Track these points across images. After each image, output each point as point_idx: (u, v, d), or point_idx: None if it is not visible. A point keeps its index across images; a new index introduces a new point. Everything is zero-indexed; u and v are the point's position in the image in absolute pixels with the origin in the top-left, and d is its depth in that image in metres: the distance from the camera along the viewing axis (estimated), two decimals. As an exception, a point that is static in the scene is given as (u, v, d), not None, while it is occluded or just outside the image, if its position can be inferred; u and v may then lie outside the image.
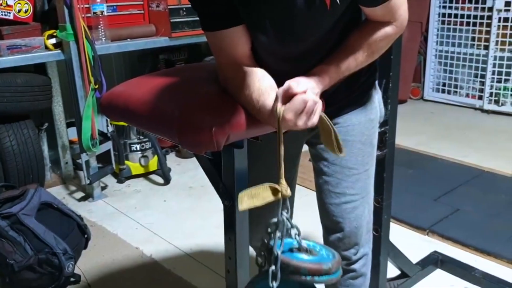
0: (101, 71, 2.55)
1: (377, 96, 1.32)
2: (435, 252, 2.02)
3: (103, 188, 2.85)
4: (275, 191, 0.99)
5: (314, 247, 1.03)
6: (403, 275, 1.86)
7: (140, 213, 2.56)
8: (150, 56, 3.22)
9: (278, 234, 0.97)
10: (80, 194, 2.83)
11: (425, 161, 3.00)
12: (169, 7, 2.82)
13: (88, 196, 2.77)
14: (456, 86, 4.18)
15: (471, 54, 4.00)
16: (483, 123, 3.82)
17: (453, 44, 4.08)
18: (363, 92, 1.28)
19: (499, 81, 3.87)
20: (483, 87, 3.98)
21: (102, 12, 2.66)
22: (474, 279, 1.85)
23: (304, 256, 0.98)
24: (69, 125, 2.96)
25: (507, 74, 3.82)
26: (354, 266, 1.33)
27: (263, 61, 1.13)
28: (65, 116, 2.93)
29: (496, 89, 3.90)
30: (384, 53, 1.18)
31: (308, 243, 1.04)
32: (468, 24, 3.96)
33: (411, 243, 2.15)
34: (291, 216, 1.07)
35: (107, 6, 2.72)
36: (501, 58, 3.82)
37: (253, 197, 0.95)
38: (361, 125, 1.28)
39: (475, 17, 3.89)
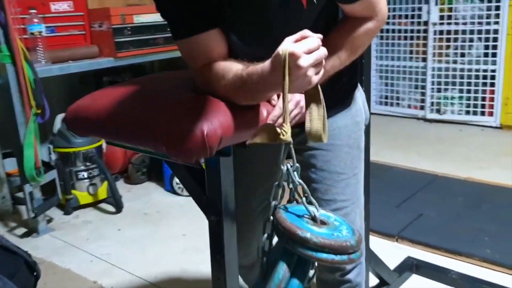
0: (43, 95, 2.36)
1: (361, 97, 1.29)
2: (409, 257, 1.99)
3: (49, 221, 2.62)
4: (276, 133, 0.89)
5: (328, 217, 0.94)
6: (382, 283, 1.81)
7: (93, 244, 2.37)
8: (93, 78, 3.06)
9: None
10: (22, 230, 2.58)
11: (380, 171, 3.02)
12: (112, 26, 2.69)
13: (32, 231, 2.53)
14: (398, 98, 4.30)
15: (411, 67, 4.14)
16: (428, 131, 3.94)
17: (393, 58, 4.21)
18: (346, 92, 1.23)
19: (439, 90, 4.03)
20: (424, 97, 4.12)
21: (40, 32, 2.49)
22: (451, 281, 1.84)
23: (315, 227, 0.86)
24: (5, 155, 2.72)
25: (446, 84, 3.98)
26: (349, 277, 1.26)
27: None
28: (0, 147, 2.69)
29: (436, 98, 4.05)
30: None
31: (322, 212, 0.95)
32: (405, 38, 4.10)
33: (382, 250, 2.11)
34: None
35: (45, 27, 2.55)
36: (439, 69, 3.98)
37: (253, 137, 0.89)
38: (348, 128, 1.23)
39: (412, 31, 4.05)
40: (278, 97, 1.06)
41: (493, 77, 3.75)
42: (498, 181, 2.80)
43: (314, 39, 0.84)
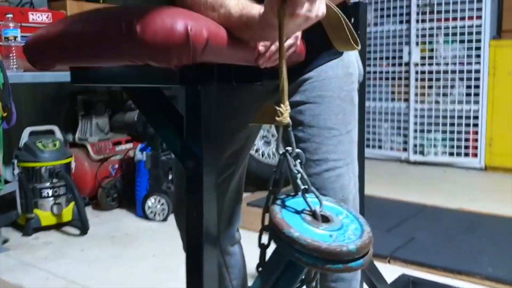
0: (11, 98, 2.20)
1: (354, 52, 1.17)
2: (404, 275, 1.81)
3: (4, 242, 2.35)
4: (272, 114, 0.77)
5: (337, 213, 0.78)
6: (377, 296, 1.61)
7: (52, 263, 2.11)
8: (67, 98, 2.91)
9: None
10: (-27, 249, 2.31)
11: (368, 201, 2.86)
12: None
13: (-17, 250, 2.26)
14: (380, 140, 4.23)
15: (393, 108, 4.12)
16: (411, 173, 3.84)
17: (374, 99, 4.19)
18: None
19: (422, 132, 3.98)
20: (406, 139, 4.06)
21: (15, 37, 2.37)
22: (453, 296, 1.65)
23: (312, 225, 0.72)
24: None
25: (429, 125, 3.94)
26: (341, 284, 1.09)
27: None
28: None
29: (419, 140, 4.00)
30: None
31: (329, 205, 0.80)
32: (387, 79, 4.11)
33: (374, 270, 1.92)
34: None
35: (22, 36, 2.44)
36: (422, 110, 3.96)
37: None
38: (339, 78, 1.10)
39: (394, 72, 4.06)
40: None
41: (476, 118, 3.73)
42: (491, 211, 2.67)
43: None
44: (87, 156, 2.82)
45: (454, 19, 3.66)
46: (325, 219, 0.74)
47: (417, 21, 3.81)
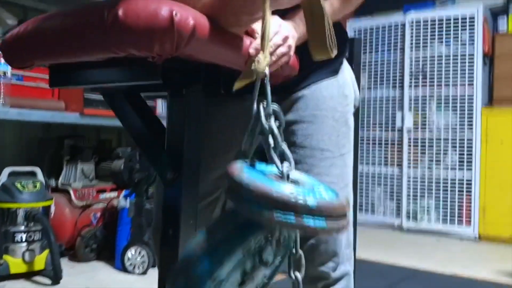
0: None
1: (350, 74, 1.13)
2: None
3: (-33, 288, 2.19)
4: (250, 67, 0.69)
5: (312, 185, 0.69)
6: None
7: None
8: (53, 142, 2.84)
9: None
10: None
11: (359, 264, 2.74)
12: (84, 82, 2.57)
13: None
14: (373, 205, 4.14)
15: (386, 174, 4.07)
16: (404, 240, 3.71)
17: (367, 163, 4.15)
18: (332, 60, 1.08)
19: (415, 198, 3.90)
20: (399, 204, 3.97)
21: (4, 73, 2.35)
22: None
23: (274, 180, 0.60)
24: None
25: (422, 191, 3.88)
26: (335, 288, 0.98)
27: None
28: None
29: (412, 206, 3.91)
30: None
31: (305, 177, 0.69)
32: (380, 145, 4.09)
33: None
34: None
35: (13, 73, 2.42)
36: (415, 176, 3.91)
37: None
38: (334, 99, 1.05)
39: (387, 137, 4.06)
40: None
41: (469, 185, 3.68)
42: (485, 278, 2.54)
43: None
44: (69, 202, 2.71)
45: (446, 86, 3.71)
46: (295, 183, 0.63)
47: (410, 87, 3.86)
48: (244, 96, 1.00)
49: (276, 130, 0.67)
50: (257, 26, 0.90)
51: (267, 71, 0.69)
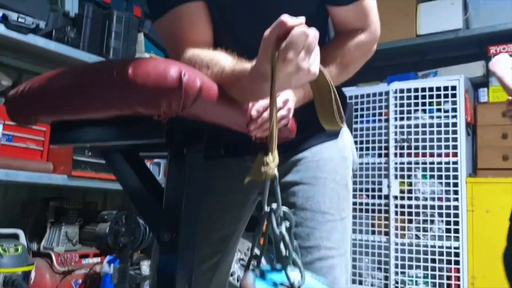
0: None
1: (349, 138, 1.16)
2: None
3: None
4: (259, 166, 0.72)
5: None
6: None
7: None
8: (38, 204, 2.79)
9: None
10: None
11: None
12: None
13: None
14: (361, 275, 4.07)
15: (373, 241, 4.03)
16: (393, 311, 3.63)
17: (354, 231, 4.12)
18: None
19: (403, 267, 3.85)
20: (388, 274, 3.91)
21: (-5, 133, 2.34)
22: None
23: None
24: None
25: (410, 260, 3.83)
26: None
27: None
28: None
29: (401, 276, 3.85)
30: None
31: (310, 283, 0.70)
32: (367, 211, 4.08)
33: None
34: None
35: (3, 133, 2.42)
36: (403, 245, 3.87)
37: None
38: (334, 162, 1.07)
39: (373, 205, 4.06)
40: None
41: (457, 255, 3.65)
42: None
43: (298, 31, 0.76)
44: (50, 267, 2.62)
45: (431, 155, 3.78)
46: None
47: (396, 155, 3.92)
48: (244, 157, 1.02)
49: (287, 238, 0.68)
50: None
51: (276, 172, 0.71)
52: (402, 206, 3.90)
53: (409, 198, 3.88)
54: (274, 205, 0.71)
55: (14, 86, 2.64)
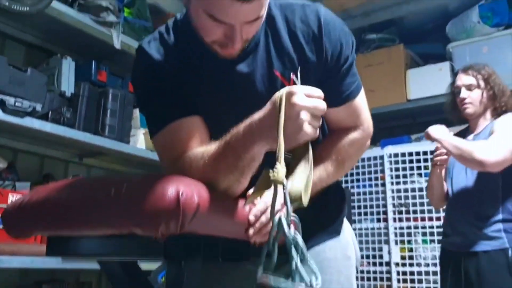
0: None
1: (351, 233, 1.15)
2: None
3: None
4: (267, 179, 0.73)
5: None
6: None
7: None
8: (32, 287, 2.71)
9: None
10: None
11: None
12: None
13: None
14: None
15: (376, 309, 3.92)
16: None
17: (357, 300, 4.01)
18: (334, 218, 1.10)
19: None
20: None
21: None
22: None
23: None
24: None
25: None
26: None
27: None
28: None
29: None
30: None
31: None
32: (368, 279, 4.00)
33: None
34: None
35: (-4, 217, 2.39)
36: (407, 312, 3.77)
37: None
38: (338, 261, 1.05)
39: (375, 271, 3.98)
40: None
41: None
42: None
43: (316, 89, 0.80)
44: None
45: (430, 219, 3.75)
46: None
47: (394, 220, 3.89)
48: (242, 262, 1.00)
49: (301, 242, 0.69)
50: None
51: (284, 181, 0.72)
52: (404, 273, 3.83)
53: (411, 265, 3.81)
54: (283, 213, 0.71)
55: (10, 167, 2.64)
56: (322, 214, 1.06)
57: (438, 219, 3.73)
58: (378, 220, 4.00)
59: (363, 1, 3.86)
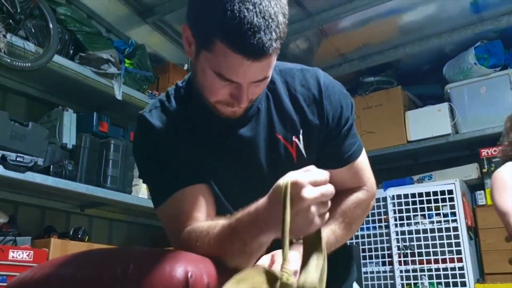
0: None
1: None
2: None
3: None
4: (272, 279, 0.68)
5: None
6: None
7: None
8: None
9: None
10: None
11: None
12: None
13: None
14: None
15: None
16: None
17: None
18: (340, 283, 1.08)
19: None
20: None
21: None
22: None
23: None
24: None
25: None
26: None
27: None
28: None
29: None
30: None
31: None
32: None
33: None
34: None
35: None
36: None
37: (239, 282, 0.64)
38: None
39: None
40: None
41: None
42: None
43: (321, 171, 0.78)
44: None
45: (436, 261, 3.69)
46: None
47: (400, 263, 3.83)
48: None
49: None
50: (262, 263, 0.91)
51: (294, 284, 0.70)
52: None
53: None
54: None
55: (11, 221, 2.61)
56: (331, 280, 1.04)
57: (444, 261, 3.68)
58: (384, 263, 3.94)
59: (359, 46, 3.92)
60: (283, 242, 0.72)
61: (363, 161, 1.08)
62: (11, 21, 2.37)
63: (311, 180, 0.76)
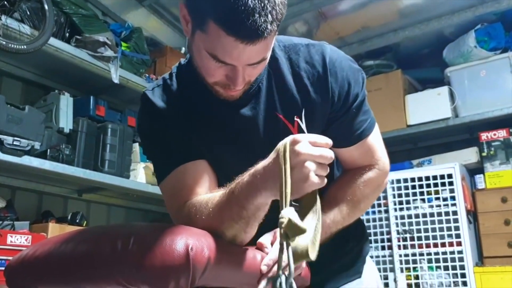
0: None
1: (374, 274, 1.10)
2: None
3: None
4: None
5: None
6: None
7: None
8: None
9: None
10: None
11: None
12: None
13: None
14: None
15: None
16: None
17: (364, 330, 3.92)
18: (355, 258, 1.07)
19: None
20: None
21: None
22: None
23: None
24: None
25: None
26: None
27: None
28: None
29: None
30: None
31: None
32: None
33: None
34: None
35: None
36: None
37: None
38: (360, 308, 1.01)
39: (381, 300, 3.90)
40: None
41: None
42: None
43: (322, 136, 0.77)
44: None
45: (435, 245, 3.69)
46: None
47: (399, 247, 3.83)
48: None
49: None
50: (264, 240, 0.89)
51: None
52: (412, 301, 3.75)
53: (418, 292, 3.73)
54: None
55: (8, 206, 2.59)
56: (341, 254, 1.03)
57: (443, 245, 3.68)
58: (383, 248, 3.94)
59: (359, 29, 3.88)
60: (283, 192, 0.71)
61: (375, 139, 1.05)
62: (5, 2, 2.34)
63: (309, 139, 0.75)
